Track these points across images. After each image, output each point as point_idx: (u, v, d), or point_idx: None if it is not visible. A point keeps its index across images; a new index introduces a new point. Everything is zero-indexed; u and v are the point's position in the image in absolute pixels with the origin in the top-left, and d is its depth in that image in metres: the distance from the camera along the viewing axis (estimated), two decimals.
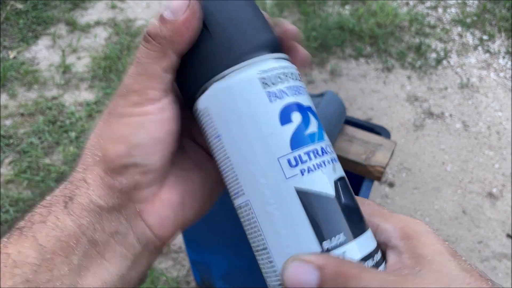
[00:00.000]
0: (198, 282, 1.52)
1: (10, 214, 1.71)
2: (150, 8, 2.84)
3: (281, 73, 0.29)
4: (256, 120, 0.28)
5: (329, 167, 0.28)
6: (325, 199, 0.27)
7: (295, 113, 0.28)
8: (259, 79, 0.28)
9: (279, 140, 0.27)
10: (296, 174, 0.27)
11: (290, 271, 0.26)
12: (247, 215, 0.30)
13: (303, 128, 0.28)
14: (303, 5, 2.79)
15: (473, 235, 1.73)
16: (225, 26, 0.29)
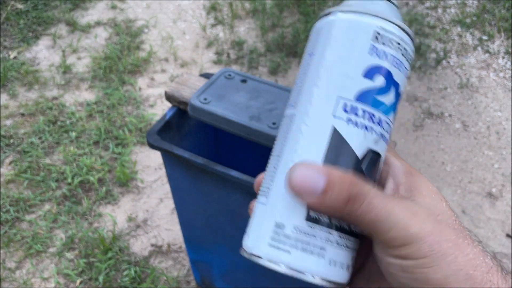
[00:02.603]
0: (198, 282, 1.52)
1: (10, 214, 1.71)
2: (150, 8, 2.84)
3: (396, 42, 0.30)
4: (347, 58, 0.29)
5: (372, 135, 0.29)
6: (350, 154, 0.29)
7: (380, 77, 0.29)
8: (374, 31, 0.29)
9: (351, 85, 0.29)
10: (342, 118, 0.29)
11: (296, 173, 0.27)
12: (286, 124, 0.32)
13: (378, 92, 0.29)
14: (303, 5, 2.79)
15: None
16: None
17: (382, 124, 0.30)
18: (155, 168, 1.92)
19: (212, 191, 1.07)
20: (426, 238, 0.27)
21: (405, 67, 0.30)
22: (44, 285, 1.54)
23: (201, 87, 1.05)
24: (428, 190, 0.31)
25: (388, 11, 0.31)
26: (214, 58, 2.47)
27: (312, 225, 0.29)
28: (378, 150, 0.30)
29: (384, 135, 0.30)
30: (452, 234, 0.28)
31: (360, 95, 0.29)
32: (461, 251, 0.27)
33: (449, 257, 0.27)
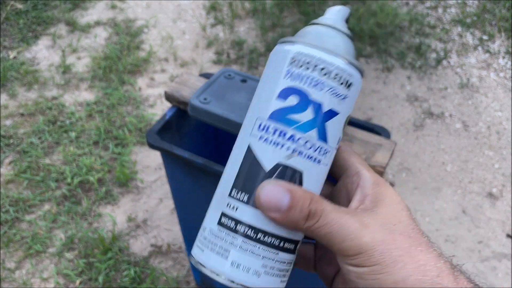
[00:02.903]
0: (198, 282, 1.52)
1: (10, 214, 1.71)
2: (150, 8, 2.84)
3: (313, 64, 0.32)
4: (268, 83, 0.33)
5: (283, 151, 0.32)
6: (258, 168, 0.32)
7: (293, 96, 0.32)
8: (291, 57, 0.33)
9: (267, 106, 0.33)
10: (256, 136, 0.33)
11: (265, 191, 0.31)
12: None
13: (290, 111, 0.32)
14: (303, 5, 2.79)
15: (473, 235, 1.73)
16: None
17: (295, 140, 0.32)
18: (155, 168, 1.92)
19: (212, 191, 1.07)
20: (377, 247, 0.30)
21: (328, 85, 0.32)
22: (44, 285, 1.54)
23: (201, 87, 1.05)
24: (391, 200, 0.33)
25: (321, 37, 0.34)
26: (214, 58, 2.47)
27: (221, 228, 0.33)
28: (290, 165, 0.32)
29: (300, 150, 0.32)
30: (405, 242, 0.31)
31: (272, 114, 0.32)
32: (412, 258, 0.30)
33: (398, 264, 0.30)
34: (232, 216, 0.33)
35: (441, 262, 0.31)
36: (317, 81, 0.32)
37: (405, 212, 0.33)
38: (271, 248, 0.33)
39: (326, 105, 0.33)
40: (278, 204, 0.31)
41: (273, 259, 0.33)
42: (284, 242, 0.33)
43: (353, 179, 0.35)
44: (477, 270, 1.61)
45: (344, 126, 0.35)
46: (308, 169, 0.33)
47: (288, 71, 0.33)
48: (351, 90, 0.34)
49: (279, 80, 0.33)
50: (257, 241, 0.32)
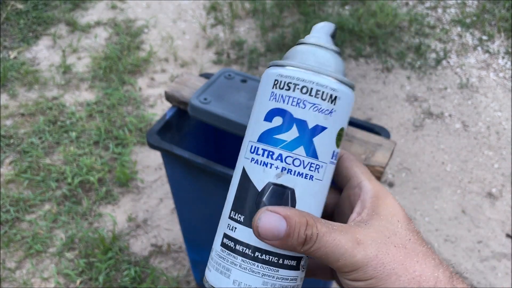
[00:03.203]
0: (198, 282, 1.52)
1: (10, 214, 1.71)
2: (150, 8, 2.84)
3: (294, 83, 0.34)
4: (258, 106, 0.35)
5: (272, 170, 0.33)
6: (252, 188, 0.34)
7: (277, 118, 0.34)
8: (273, 80, 0.34)
9: (256, 129, 0.34)
10: (248, 158, 0.34)
11: (262, 221, 0.32)
12: None
13: (276, 131, 0.34)
14: (303, 6, 2.79)
15: (472, 235, 1.73)
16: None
17: (283, 159, 0.33)
18: (155, 168, 1.92)
19: (212, 191, 1.07)
20: (370, 263, 0.31)
21: (310, 102, 0.33)
22: (44, 285, 1.54)
23: (201, 87, 1.05)
24: (388, 212, 0.34)
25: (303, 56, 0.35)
26: (214, 58, 2.47)
27: (224, 249, 0.35)
28: (280, 183, 0.33)
29: (289, 169, 0.33)
30: (399, 254, 0.32)
31: (261, 136, 0.34)
32: (406, 269, 0.31)
33: (392, 276, 0.31)
34: (231, 236, 0.35)
35: (439, 271, 0.32)
36: (299, 100, 0.33)
37: (401, 224, 0.34)
38: (270, 266, 0.34)
39: (311, 122, 0.34)
40: (275, 233, 0.32)
41: (274, 277, 0.34)
42: (283, 260, 0.34)
43: (355, 191, 0.37)
44: (477, 270, 1.62)
45: (337, 138, 0.35)
46: (300, 186, 0.34)
47: (272, 93, 0.34)
48: (337, 104, 0.34)
49: (266, 102, 0.34)
50: (255, 259, 0.34)
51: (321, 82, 0.34)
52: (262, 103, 0.35)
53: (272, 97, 0.34)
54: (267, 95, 0.35)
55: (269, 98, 0.34)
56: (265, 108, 0.34)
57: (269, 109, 0.34)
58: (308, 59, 0.35)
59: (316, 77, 0.34)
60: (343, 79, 0.35)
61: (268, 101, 0.34)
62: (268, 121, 0.34)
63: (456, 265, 1.61)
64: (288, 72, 0.34)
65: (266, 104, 0.34)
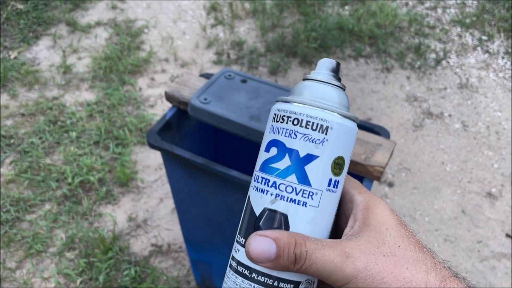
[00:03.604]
0: (198, 282, 1.52)
1: (11, 214, 1.72)
2: (150, 9, 2.85)
3: (287, 116, 0.37)
4: (263, 138, 0.38)
5: (267, 196, 0.36)
6: (252, 213, 0.37)
7: (273, 148, 0.37)
8: (273, 114, 0.38)
9: (259, 160, 0.38)
10: (252, 186, 0.38)
11: (253, 246, 0.34)
12: None
13: (272, 161, 0.36)
14: (303, 6, 2.79)
15: (472, 235, 1.74)
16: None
17: (277, 186, 0.36)
18: (155, 168, 1.92)
19: (212, 191, 1.08)
20: (359, 275, 0.33)
21: (301, 133, 0.36)
22: (45, 285, 1.54)
23: (201, 87, 1.05)
24: (377, 222, 0.36)
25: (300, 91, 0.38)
26: (214, 58, 2.47)
27: (229, 270, 0.37)
28: (274, 208, 0.36)
29: (282, 195, 0.36)
30: (388, 263, 0.33)
31: (261, 166, 0.37)
32: (395, 277, 0.32)
33: (382, 286, 0.32)
34: (235, 258, 0.37)
35: (431, 275, 0.33)
36: (291, 131, 0.36)
37: (390, 231, 0.35)
38: (266, 287, 0.35)
39: (302, 151, 0.36)
40: (266, 256, 0.34)
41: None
42: (279, 282, 0.35)
43: (348, 206, 0.39)
44: (477, 270, 1.62)
45: (334, 167, 0.36)
46: (293, 212, 0.36)
47: (271, 126, 0.38)
48: (330, 134, 0.36)
49: (267, 135, 0.38)
50: (252, 280, 0.36)
51: (311, 113, 0.36)
52: (265, 136, 0.38)
53: (271, 129, 0.37)
54: (268, 128, 0.38)
55: (269, 130, 0.38)
56: (266, 140, 0.38)
57: (268, 140, 0.37)
58: (304, 93, 0.38)
59: (306, 109, 0.36)
60: (336, 109, 0.36)
61: (268, 133, 0.38)
62: (267, 151, 0.37)
63: (456, 265, 1.61)
64: (283, 106, 0.37)
65: (266, 136, 0.38)
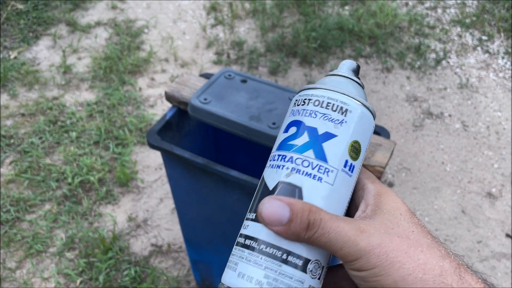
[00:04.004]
0: (198, 282, 1.52)
1: (11, 214, 1.72)
2: (150, 9, 2.85)
3: (307, 99, 0.39)
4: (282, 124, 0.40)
5: (283, 171, 0.36)
6: (266, 188, 0.37)
7: (293, 128, 0.38)
8: (294, 100, 0.40)
9: (277, 141, 0.39)
10: (267, 166, 0.38)
11: (266, 206, 0.33)
12: None
13: (290, 138, 0.37)
14: (303, 6, 2.79)
15: (472, 234, 1.74)
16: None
17: (293, 160, 0.36)
18: (155, 168, 1.92)
19: (212, 191, 1.08)
20: (373, 251, 0.32)
21: (321, 112, 0.38)
22: (44, 285, 1.54)
23: (201, 87, 1.05)
24: (390, 207, 0.35)
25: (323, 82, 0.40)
26: (214, 58, 2.47)
27: (236, 247, 0.37)
28: (289, 181, 0.36)
29: (297, 169, 0.36)
30: (402, 243, 0.32)
31: (279, 145, 0.38)
32: (410, 258, 0.31)
33: (396, 264, 0.31)
34: (243, 233, 0.37)
35: (445, 261, 0.31)
36: (311, 111, 0.38)
37: (404, 217, 0.34)
38: (273, 260, 0.35)
39: (321, 129, 0.37)
40: (279, 218, 0.33)
41: (276, 271, 0.34)
42: (288, 255, 0.34)
43: (358, 194, 0.38)
44: (477, 270, 1.62)
45: (351, 150, 0.37)
46: (308, 185, 0.35)
47: (292, 110, 0.39)
48: (348, 117, 0.37)
49: (286, 119, 0.39)
50: (260, 252, 0.35)
51: (332, 96, 0.38)
52: (285, 121, 0.40)
53: (291, 113, 0.39)
54: (288, 113, 0.40)
55: (289, 115, 0.39)
56: (285, 123, 0.39)
57: (288, 122, 0.39)
58: (326, 83, 0.40)
59: (328, 93, 0.38)
60: (355, 96, 0.38)
61: (288, 117, 0.39)
62: (285, 132, 0.38)
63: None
64: (305, 92, 0.39)
65: (286, 120, 0.39)
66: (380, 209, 0.35)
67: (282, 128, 0.39)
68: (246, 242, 0.36)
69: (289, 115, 0.40)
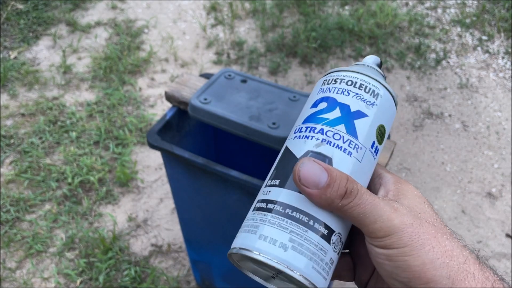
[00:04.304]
0: (198, 282, 1.52)
1: (11, 214, 1.72)
2: (150, 9, 2.85)
3: (339, 78, 0.39)
4: (307, 103, 0.40)
5: (312, 141, 0.36)
6: (291, 156, 0.36)
7: (323, 103, 0.38)
8: (323, 80, 0.40)
9: (303, 116, 0.39)
10: (291, 138, 0.38)
11: (304, 167, 0.32)
12: None
13: (320, 112, 0.37)
14: (303, 6, 2.79)
15: (472, 235, 1.74)
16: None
17: (324, 132, 0.36)
18: (155, 168, 1.92)
19: (212, 191, 1.08)
20: (406, 229, 0.31)
21: (354, 92, 0.38)
22: (45, 285, 1.54)
23: (201, 87, 1.05)
24: (413, 194, 0.35)
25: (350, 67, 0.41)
26: (214, 58, 2.47)
27: (254, 212, 0.35)
28: (319, 151, 0.35)
29: (328, 140, 0.36)
30: (431, 228, 0.32)
31: (306, 118, 0.38)
32: (439, 242, 0.31)
33: (426, 246, 0.31)
34: (264, 199, 0.35)
35: (467, 251, 0.32)
36: (344, 89, 0.38)
37: (427, 205, 0.35)
38: (299, 224, 0.33)
39: (353, 107, 0.37)
40: (316, 180, 0.32)
41: (302, 236, 0.33)
42: (314, 222, 0.33)
43: (375, 181, 0.38)
44: None
45: (378, 133, 0.37)
46: (338, 157, 0.35)
47: (321, 88, 0.39)
48: (379, 100, 0.38)
49: (314, 96, 0.39)
50: (285, 215, 0.33)
51: (364, 79, 0.38)
52: (311, 99, 0.39)
53: (319, 91, 0.39)
54: (316, 91, 0.40)
55: (317, 92, 0.39)
56: (313, 99, 0.39)
57: (316, 99, 0.39)
58: (354, 68, 0.40)
59: (360, 75, 0.39)
60: (385, 84, 0.39)
61: (316, 94, 0.39)
62: (314, 107, 0.38)
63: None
64: (336, 73, 0.40)
65: (313, 97, 0.39)
66: (404, 195, 0.35)
67: (309, 104, 0.39)
68: (269, 206, 0.34)
69: (317, 92, 0.39)
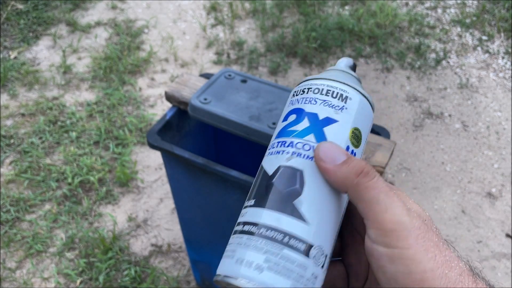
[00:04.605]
0: (198, 282, 1.52)
1: (11, 214, 1.72)
2: (150, 9, 2.85)
3: (306, 88, 0.39)
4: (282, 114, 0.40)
5: (283, 156, 0.36)
6: (264, 175, 0.36)
7: (292, 115, 0.38)
8: (293, 92, 0.40)
9: (276, 131, 0.39)
10: (266, 155, 0.38)
11: (324, 144, 0.34)
12: None
13: (290, 125, 0.37)
14: (303, 6, 2.79)
15: (472, 235, 1.74)
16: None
17: (294, 145, 0.36)
18: (155, 168, 1.92)
19: (212, 191, 1.08)
20: (414, 231, 0.30)
21: (321, 99, 0.38)
22: (45, 285, 1.54)
23: (201, 87, 1.05)
24: (412, 203, 0.34)
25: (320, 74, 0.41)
26: (214, 58, 2.47)
27: (233, 236, 0.35)
28: (289, 164, 0.35)
29: (298, 152, 0.36)
30: (434, 237, 0.31)
31: (278, 133, 0.38)
32: (440, 251, 0.30)
33: (429, 254, 0.30)
34: (240, 221, 0.35)
35: (462, 263, 0.31)
36: (311, 98, 0.38)
37: (427, 213, 0.34)
38: (274, 243, 0.32)
39: (321, 114, 0.37)
40: (334, 155, 0.33)
41: (277, 255, 0.32)
42: (289, 238, 0.32)
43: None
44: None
45: (352, 137, 0.37)
46: (309, 168, 0.34)
47: (291, 101, 0.39)
48: (348, 103, 0.37)
49: (285, 109, 0.39)
50: (259, 235, 0.33)
51: (331, 84, 0.38)
52: (283, 113, 0.39)
53: (290, 103, 0.39)
54: (287, 104, 0.40)
55: (288, 105, 0.39)
56: (284, 114, 0.39)
57: (287, 112, 0.39)
58: (323, 75, 0.40)
59: (327, 81, 0.38)
60: (354, 85, 0.38)
61: (287, 107, 0.39)
62: (285, 121, 0.38)
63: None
64: (304, 83, 0.40)
65: (285, 111, 0.39)
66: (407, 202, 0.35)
67: (281, 118, 0.39)
68: (245, 228, 0.34)
69: (287, 105, 0.39)
